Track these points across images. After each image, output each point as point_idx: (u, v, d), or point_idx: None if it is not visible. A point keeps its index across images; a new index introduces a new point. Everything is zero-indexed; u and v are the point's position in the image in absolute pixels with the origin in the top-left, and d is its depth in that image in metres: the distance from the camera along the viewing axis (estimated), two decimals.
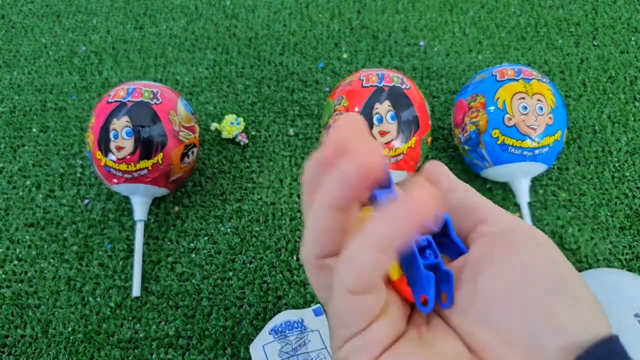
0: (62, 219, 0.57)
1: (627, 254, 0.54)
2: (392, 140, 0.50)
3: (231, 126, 0.61)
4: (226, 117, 0.62)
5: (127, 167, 0.50)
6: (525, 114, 0.50)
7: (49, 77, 0.69)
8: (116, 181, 0.52)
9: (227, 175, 0.60)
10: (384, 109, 0.51)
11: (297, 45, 0.72)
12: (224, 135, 0.61)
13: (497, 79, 0.53)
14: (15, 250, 0.55)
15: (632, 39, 0.71)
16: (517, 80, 0.52)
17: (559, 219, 0.56)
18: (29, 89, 0.68)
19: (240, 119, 0.62)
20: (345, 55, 0.71)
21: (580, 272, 0.51)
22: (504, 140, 0.51)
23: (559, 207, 0.57)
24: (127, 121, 0.50)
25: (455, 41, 0.72)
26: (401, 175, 0.52)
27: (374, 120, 0.50)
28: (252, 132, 0.63)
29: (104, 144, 0.50)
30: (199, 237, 0.56)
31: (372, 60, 0.70)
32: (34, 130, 0.64)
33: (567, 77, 0.68)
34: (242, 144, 0.62)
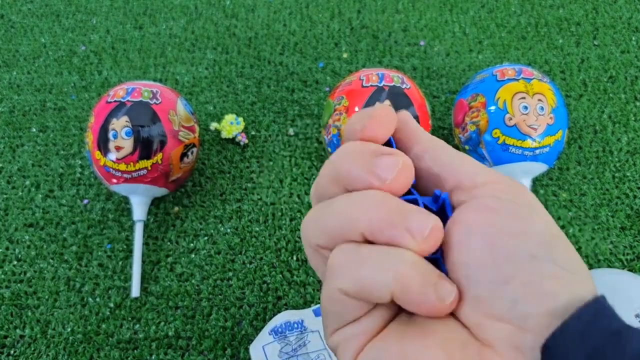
0: (62, 219, 0.57)
1: (628, 254, 0.54)
2: None
3: (231, 126, 0.61)
4: (226, 117, 0.62)
5: (127, 167, 0.50)
6: (526, 114, 0.50)
7: (49, 77, 0.69)
8: (115, 181, 0.51)
9: (227, 175, 0.60)
10: None
11: (297, 45, 0.72)
12: (224, 135, 0.61)
13: (498, 78, 0.53)
14: (14, 250, 0.55)
15: (633, 38, 0.71)
16: (517, 80, 0.52)
17: (559, 219, 0.56)
18: (28, 88, 0.68)
19: (240, 119, 0.62)
20: (345, 55, 0.70)
21: None
22: (504, 140, 0.51)
23: (560, 207, 0.57)
24: (126, 121, 0.50)
25: (455, 41, 0.71)
26: None
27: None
28: (252, 132, 0.63)
29: (103, 144, 0.50)
30: (199, 237, 0.56)
31: (372, 60, 0.70)
32: (34, 130, 0.64)
33: (567, 76, 0.67)
34: (242, 144, 0.62)
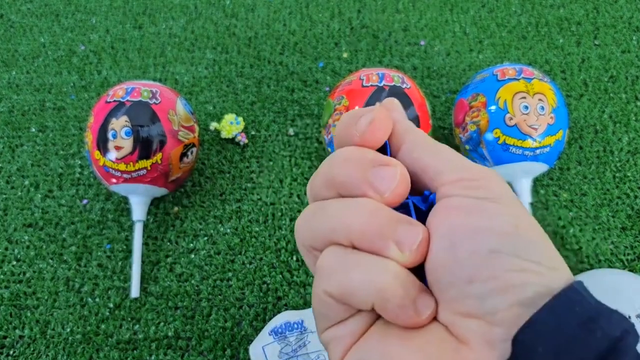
0: (61, 219, 0.57)
1: (628, 254, 0.54)
2: None
3: (231, 126, 0.61)
4: (226, 116, 0.62)
5: (126, 167, 0.50)
6: (526, 114, 0.50)
7: (48, 77, 0.69)
8: (115, 181, 0.51)
9: (227, 175, 0.60)
10: None
11: (297, 44, 0.72)
12: (224, 135, 0.61)
13: (498, 78, 0.52)
14: (13, 250, 0.55)
15: (634, 38, 0.71)
16: (518, 79, 0.52)
17: (560, 219, 0.56)
18: (28, 88, 0.68)
19: (239, 119, 0.62)
20: (345, 54, 0.70)
21: (581, 272, 0.51)
22: (505, 140, 0.51)
23: (560, 207, 0.57)
24: (126, 121, 0.50)
25: (455, 40, 0.71)
26: None
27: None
28: (252, 132, 0.63)
29: (102, 144, 0.50)
30: (199, 237, 0.56)
31: (372, 59, 0.70)
32: (33, 130, 0.64)
33: (568, 76, 0.67)
34: (241, 143, 0.62)
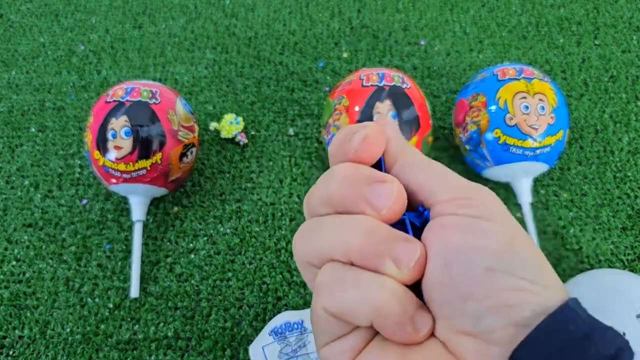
0: (61, 220, 0.57)
1: (629, 254, 0.54)
2: None
3: (230, 126, 0.61)
4: (225, 116, 0.61)
5: (126, 167, 0.50)
6: (526, 114, 0.50)
7: (48, 77, 0.69)
8: (114, 181, 0.51)
9: (227, 175, 0.60)
10: (384, 107, 0.50)
11: (297, 44, 0.71)
12: (223, 135, 0.61)
13: (499, 78, 0.52)
14: (13, 250, 0.55)
15: (634, 38, 0.71)
16: (518, 79, 0.52)
17: (560, 219, 0.56)
18: (27, 88, 0.68)
19: (239, 119, 0.62)
20: (345, 54, 0.70)
21: (582, 272, 0.51)
22: (505, 140, 0.51)
23: (561, 207, 0.57)
24: (125, 121, 0.50)
25: (456, 40, 0.71)
26: None
27: (375, 119, 0.50)
28: (252, 132, 0.63)
29: (102, 144, 0.50)
30: (198, 237, 0.55)
31: (372, 59, 0.70)
32: (32, 130, 0.64)
33: (568, 76, 0.67)
34: (241, 143, 0.62)
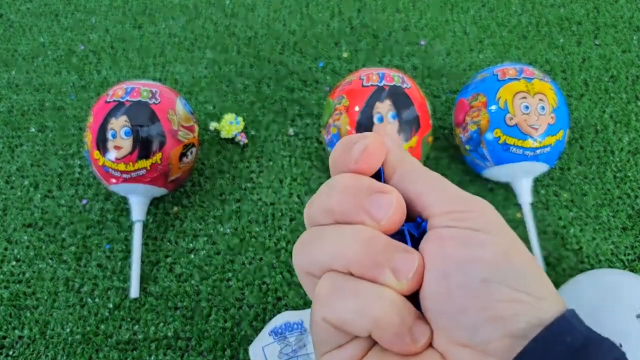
0: (60, 220, 0.57)
1: (629, 254, 0.54)
2: None
3: (230, 126, 0.61)
4: (225, 116, 0.61)
5: (126, 167, 0.50)
6: (527, 114, 0.50)
7: (47, 77, 0.69)
8: (114, 181, 0.51)
9: (227, 175, 0.60)
10: (384, 108, 0.50)
11: (296, 44, 0.71)
12: (223, 134, 0.61)
13: (499, 78, 0.52)
14: (13, 250, 0.55)
15: (634, 38, 0.71)
16: (518, 79, 0.52)
17: (560, 219, 0.56)
18: (27, 88, 0.68)
19: (239, 119, 0.62)
20: (345, 54, 0.70)
21: (582, 272, 0.51)
22: (505, 139, 0.51)
23: (561, 207, 0.57)
24: (125, 121, 0.50)
25: (456, 40, 0.71)
26: None
27: (375, 119, 0.50)
28: (252, 132, 0.63)
29: (102, 144, 0.50)
30: (198, 237, 0.55)
31: (372, 59, 0.70)
32: (32, 130, 0.64)
33: (568, 76, 0.67)
34: (241, 143, 0.62)
